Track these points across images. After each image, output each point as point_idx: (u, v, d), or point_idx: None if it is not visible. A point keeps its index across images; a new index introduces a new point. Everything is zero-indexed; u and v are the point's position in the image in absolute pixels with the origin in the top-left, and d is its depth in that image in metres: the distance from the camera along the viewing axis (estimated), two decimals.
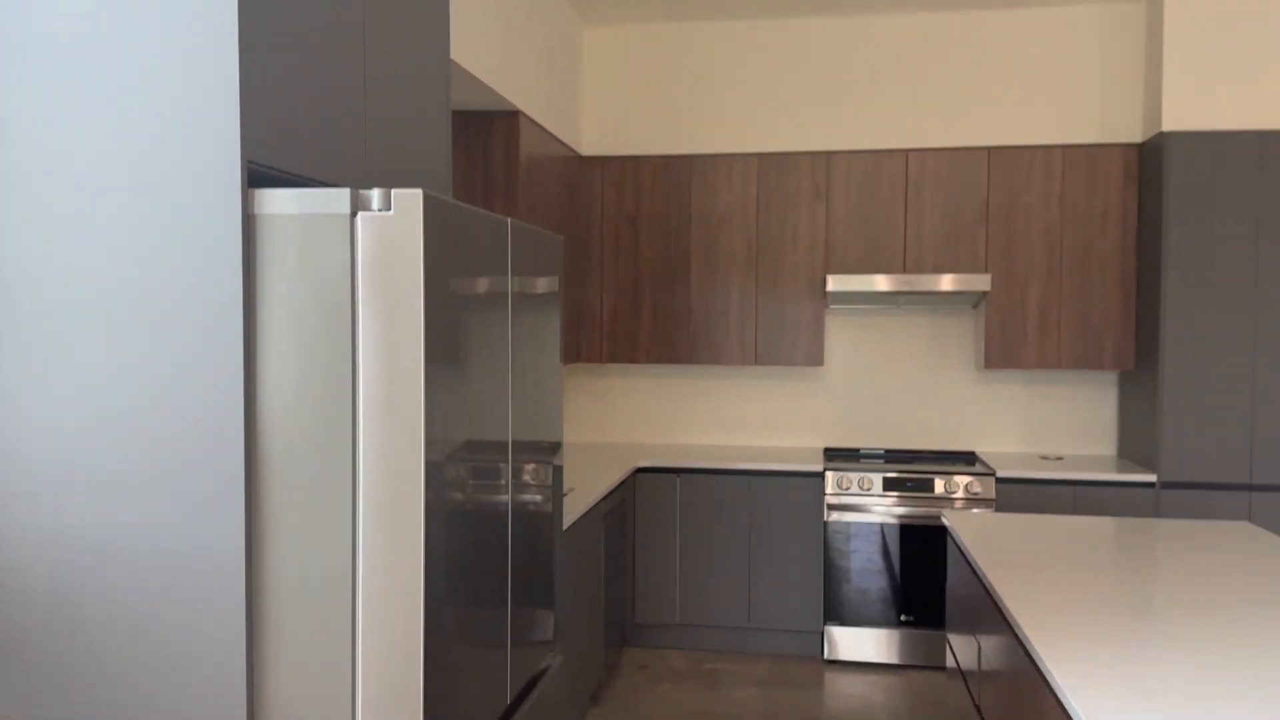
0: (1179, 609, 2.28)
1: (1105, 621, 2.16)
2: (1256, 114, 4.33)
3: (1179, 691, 1.75)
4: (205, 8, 1.47)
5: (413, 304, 1.52)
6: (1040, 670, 1.96)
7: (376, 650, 1.52)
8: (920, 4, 4.87)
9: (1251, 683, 1.80)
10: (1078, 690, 1.75)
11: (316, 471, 1.51)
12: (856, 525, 4.67)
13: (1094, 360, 4.77)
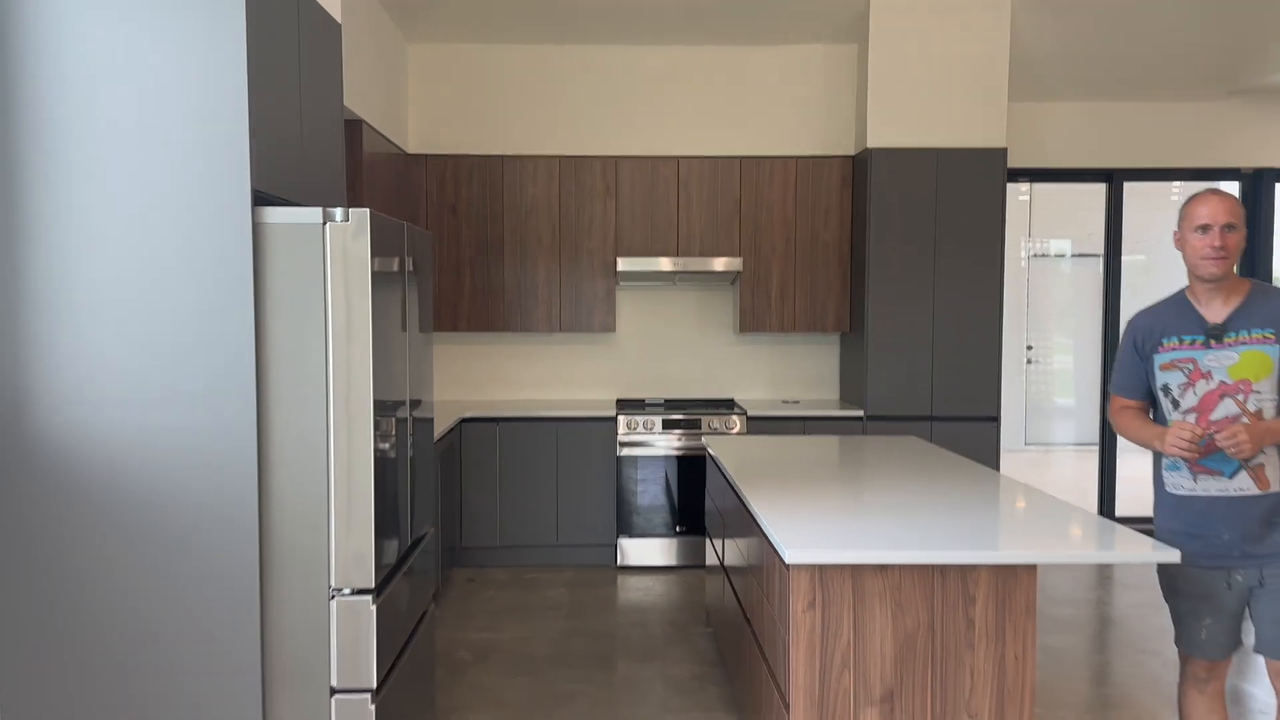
0: (866, 487, 3.52)
1: (811, 495, 3.37)
2: (933, 135, 5.76)
3: (855, 533, 2.95)
4: (227, 97, 2.35)
5: (364, 279, 2.46)
6: (757, 522, 3.12)
7: (343, 488, 2.46)
8: (687, 39, 6.05)
9: (900, 522, 3.03)
10: (781, 531, 2.92)
11: (302, 385, 2.44)
12: (642, 459, 5.83)
13: (820, 325, 6.13)
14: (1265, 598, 2.70)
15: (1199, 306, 2.75)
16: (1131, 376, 2.89)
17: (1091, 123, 6.41)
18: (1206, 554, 2.73)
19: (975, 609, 2.60)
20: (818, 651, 2.60)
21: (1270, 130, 6.40)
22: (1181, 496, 2.76)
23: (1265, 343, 2.65)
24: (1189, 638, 2.82)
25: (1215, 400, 2.68)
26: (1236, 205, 2.71)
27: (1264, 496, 2.67)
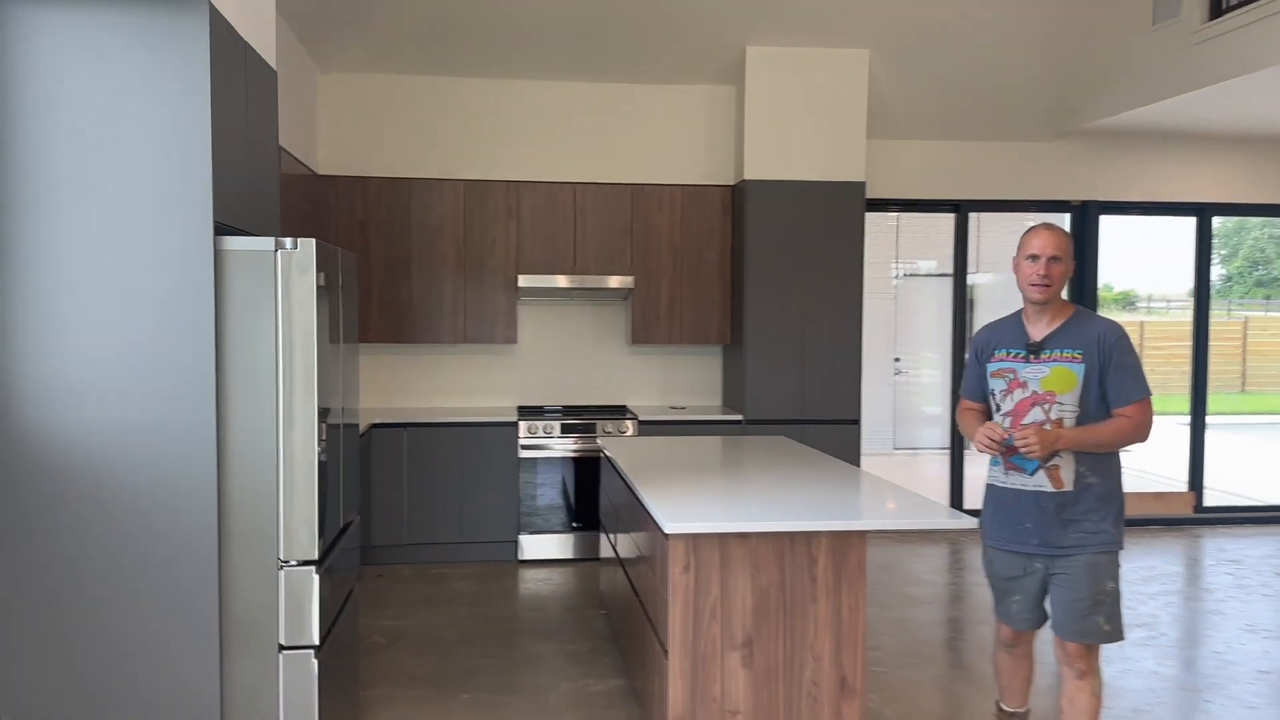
0: (737, 476, 4.08)
1: (690, 483, 3.92)
2: (802, 169, 6.43)
3: (723, 509, 3.51)
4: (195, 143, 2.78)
5: (309, 299, 2.91)
6: (643, 504, 3.66)
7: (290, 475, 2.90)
8: (584, 77, 6.60)
9: (761, 502, 3.60)
10: (662, 509, 3.45)
11: (256, 388, 2.87)
12: (542, 461, 6.32)
13: (705, 337, 6.73)
14: (1058, 585, 3.09)
15: (1027, 325, 3.17)
16: (973, 382, 3.32)
17: (941, 159, 7.20)
18: (1011, 539, 3.15)
19: (817, 569, 3.18)
20: (691, 607, 3.14)
21: (1094, 167, 7.30)
22: (997, 487, 3.20)
23: (1073, 361, 3.05)
24: (1003, 609, 3.27)
25: (1027, 407, 3.08)
26: (1064, 240, 3.10)
27: (1059, 493, 3.05)
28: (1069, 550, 3.06)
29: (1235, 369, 18.68)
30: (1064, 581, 3.08)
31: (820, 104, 6.40)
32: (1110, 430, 3.01)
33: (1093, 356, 3.03)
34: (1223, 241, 23.02)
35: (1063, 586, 3.09)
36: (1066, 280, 3.15)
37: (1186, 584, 5.98)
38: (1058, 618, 3.11)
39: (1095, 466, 3.06)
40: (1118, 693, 4.22)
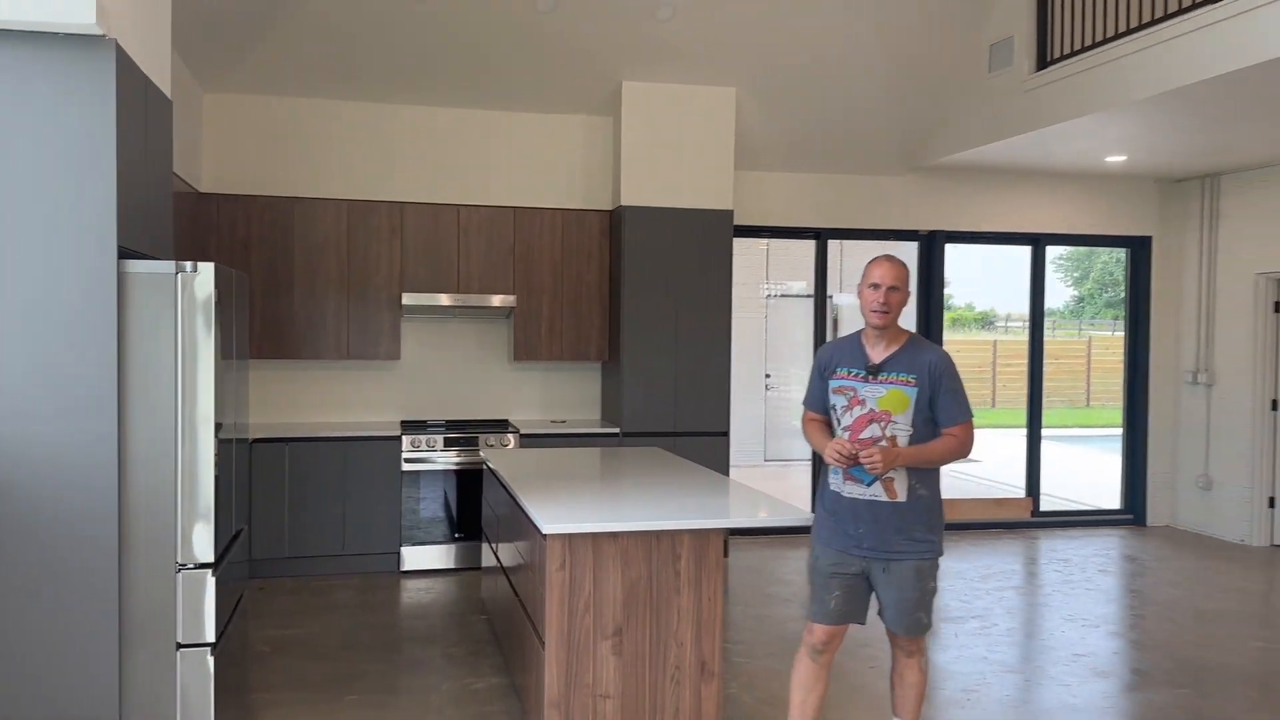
0: (611, 483, 4.40)
1: (567, 490, 4.21)
2: (675, 197, 6.83)
3: (596, 512, 3.81)
4: (101, 174, 2.95)
5: (208, 319, 3.11)
6: (523, 509, 3.93)
7: (188, 485, 3.08)
8: (469, 104, 6.87)
9: (632, 505, 3.92)
10: (540, 512, 3.74)
11: (156, 403, 3.04)
12: (425, 473, 6.52)
13: (584, 354, 7.05)
14: (886, 586, 3.38)
15: (867, 346, 3.42)
16: (817, 395, 3.53)
17: (803, 190, 7.73)
18: (843, 539, 3.39)
19: (681, 564, 3.53)
20: (566, 601, 3.44)
21: (939, 200, 7.94)
22: (834, 494, 3.42)
23: (907, 385, 3.32)
24: (820, 606, 3.42)
25: (865, 423, 3.34)
26: (903, 270, 3.36)
27: (892, 503, 3.32)
28: (899, 555, 3.35)
29: (1081, 385, 20.06)
30: (893, 583, 3.37)
31: (691, 137, 6.83)
32: (940, 448, 3.34)
33: (924, 381, 3.34)
34: (1075, 264, 24.63)
35: (891, 587, 3.38)
36: (903, 307, 3.41)
37: (1019, 580, 6.58)
38: (892, 613, 3.41)
39: (924, 480, 3.39)
40: (950, 676, 4.70)
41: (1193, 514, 8.18)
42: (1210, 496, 8.01)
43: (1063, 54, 6.04)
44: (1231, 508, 7.80)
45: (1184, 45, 5.06)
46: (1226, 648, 5.15)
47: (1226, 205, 7.86)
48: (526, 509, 3.71)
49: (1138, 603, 6.04)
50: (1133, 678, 4.72)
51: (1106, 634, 5.39)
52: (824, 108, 7.06)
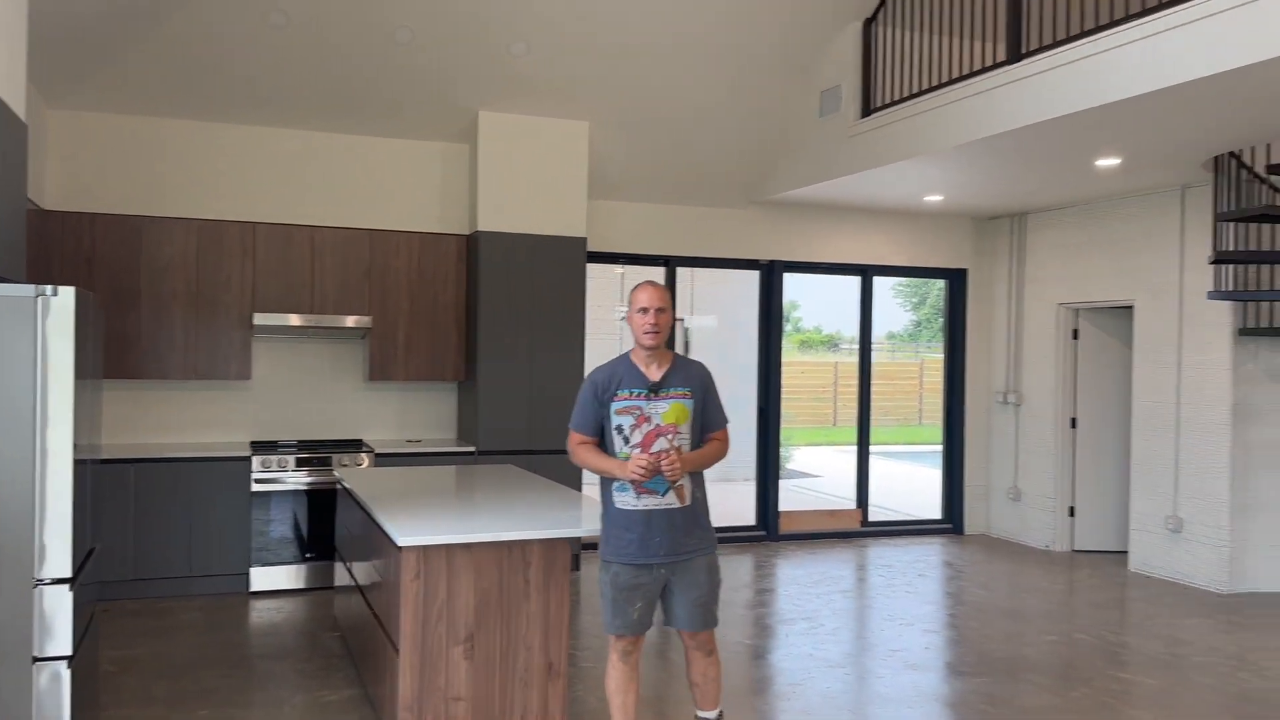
0: (466, 499, 4.60)
1: (422, 505, 4.40)
2: (530, 224, 7.10)
3: (451, 525, 4.01)
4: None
5: (68, 341, 3.19)
6: (378, 524, 4.10)
7: (48, 502, 3.15)
8: (325, 127, 6.96)
9: (485, 517, 4.14)
10: (395, 526, 3.92)
11: (15, 423, 3.10)
12: (276, 494, 6.54)
13: (441, 374, 7.21)
14: (681, 587, 3.62)
15: (642, 367, 3.63)
16: (590, 417, 3.65)
17: (653, 219, 8.13)
18: (641, 554, 3.57)
19: (530, 571, 3.78)
20: (420, 609, 3.64)
21: (778, 231, 8.48)
22: (628, 510, 3.57)
23: (686, 398, 3.62)
24: (624, 620, 3.60)
25: (654, 438, 3.56)
26: (666, 293, 3.63)
27: (684, 508, 3.60)
28: (691, 554, 3.62)
29: (914, 404, 21.30)
30: (688, 582, 3.63)
31: (546, 167, 7.12)
32: (712, 452, 3.70)
33: (698, 392, 3.66)
34: (913, 291, 26.15)
35: (687, 587, 3.64)
36: (669, 328, 3.66)
37: (847, 585, 7.10)
38: (686, 614, 3.65)
39: (698, 483, 3.71)
40: (780, 671, 5.11)
41: (1004, 523, 8.96)
42: (1019, 506, 8.79)
43: (885, 103, 6.63)
44: (1037, 517, 8.59)
45: (988, 100, 5.67)
46: (1025, 641, 5.75)
47: (1032, 241, 8.69)
48: (382, 524, 3.89)
49: (951, 603, 6.63)
50: (941, 670, 5.23)
51: (921, 631, 5.92)
52: (672, 144, 7.48)
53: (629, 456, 3.57)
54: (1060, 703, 4.74)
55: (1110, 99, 4.90)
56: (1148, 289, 7.59)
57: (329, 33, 6.16)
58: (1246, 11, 4.25)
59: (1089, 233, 8.11)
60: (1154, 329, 7.52)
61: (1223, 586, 6.95)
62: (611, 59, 6.65)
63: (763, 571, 7.44)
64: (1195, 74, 4.48)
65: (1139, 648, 5.65)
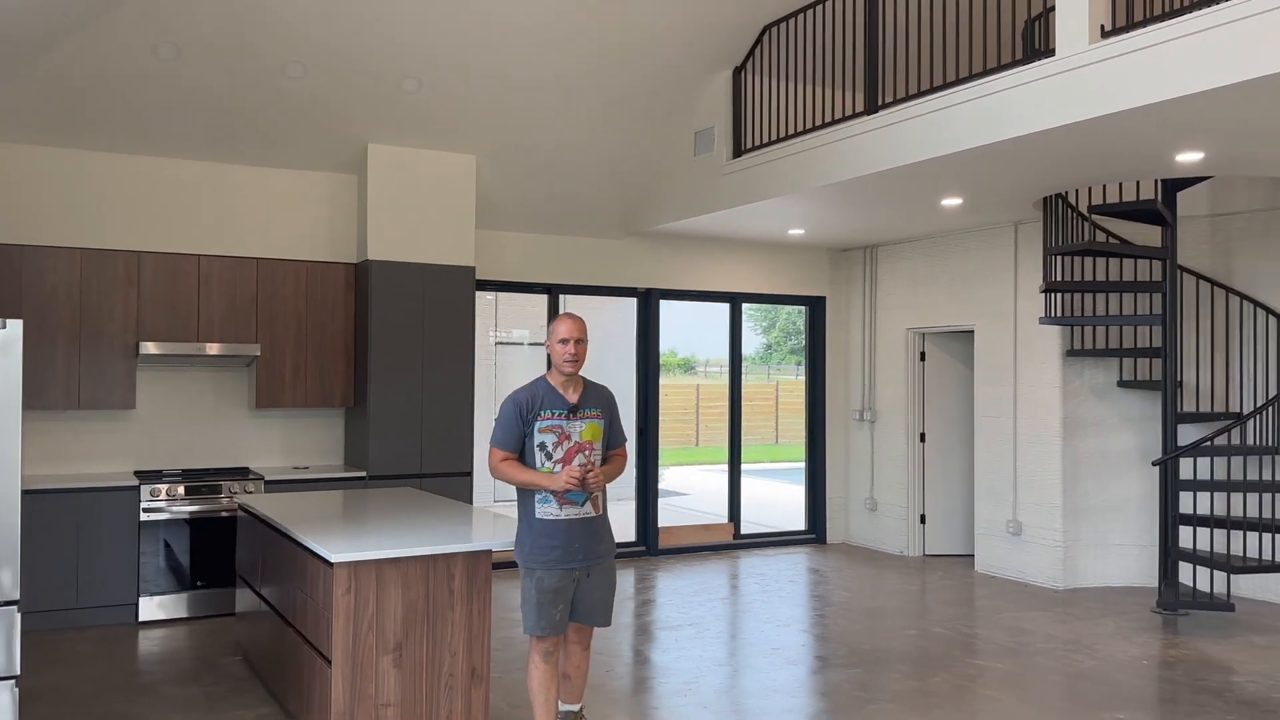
0: (376, 519, 4.80)
1: (337, 526, 4.58)
2: (420, 253, 7.33)
3: (376, 542, 4.23)
4: None
5: (15, 373, 3.30)
6: (302, 545, 4.27)
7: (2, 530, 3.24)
8: (213, 157, 7.02)
9: (404, 534, 4.37)
10: (323, 545, 4.11)
11: None
12: (165, 523, 6.52)
13: (329, 401, 7.33)
14: (592, 587, 4.01)
15: (560, 390, 4.01)
16: (514, 435, 3.97)
17: (538, 249, 8.47)
18: (563, 560, 3.93)
19: (454, 583, 4.05)
20: (351, 622, 3.86)
21: (655, 261, 8.96)
22: (550, 520, 3.93)
23: (598, 418, 4.04)
24: (548, 622, 3.92)
25: (574, 453, 3.97)
26: (584, 326, 4.01)
27: (596, 517, 4.01)
28: (602, 557, 4.05)
29: (771, 424, 22.21)
30: (599, 582, 4.04)
31: (435, 198, 7.37)
32: (619, 467, 4.17)
33: (607, 413, 4.12)
34: (764, 315, 27.24)
35: (597, 587, 4.04)
36: (585, 356, 4.04)
37: (726, 593, 7.57)
38: (591, 611, 4.04)
39: (603, 495, 4.15)
40: (673, 672, 5.50)
41: (863, 531, 9.65)
42: (876, 516, 9.49)
43: (754, 145, 7.19)
44: (892, 524, 9.31)
45: (847, 147, 6.28)
46: (888, 636, 6.32)
47: (883, 271, 9.45)
48: (308, 544, 4.08)
49: (820, 605, 7.18)
50: (816, 663, 5.73)
51: (796, 631, 6.42)
52: (555, 178, 7.85)
53: (552, 471, 3.94)
54: (922, 687, 5.30)
55: (954, 149, 5.56)
56: (986, 315, 8.41)
57: (219, 66, 6.27)
58: (1064, 79, 4.95)
59: (934, 264, 8.91)
60: (992, 351, 8.34)
61: (1058, 583, 7.76)
62: (499, 96, 6.98)
63: (647, 584, 7.83)
64: (1025, 130, 5.17)
65: (988, 638, 6.30)
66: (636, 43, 6.86)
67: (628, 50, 6.89)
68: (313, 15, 6.08)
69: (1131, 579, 7.81)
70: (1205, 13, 4.37)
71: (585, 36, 6.69)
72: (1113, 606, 7.15)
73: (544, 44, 6.65)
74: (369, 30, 6.26)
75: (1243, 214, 7.46)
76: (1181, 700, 5.10)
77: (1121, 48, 4.72)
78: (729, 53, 7.29)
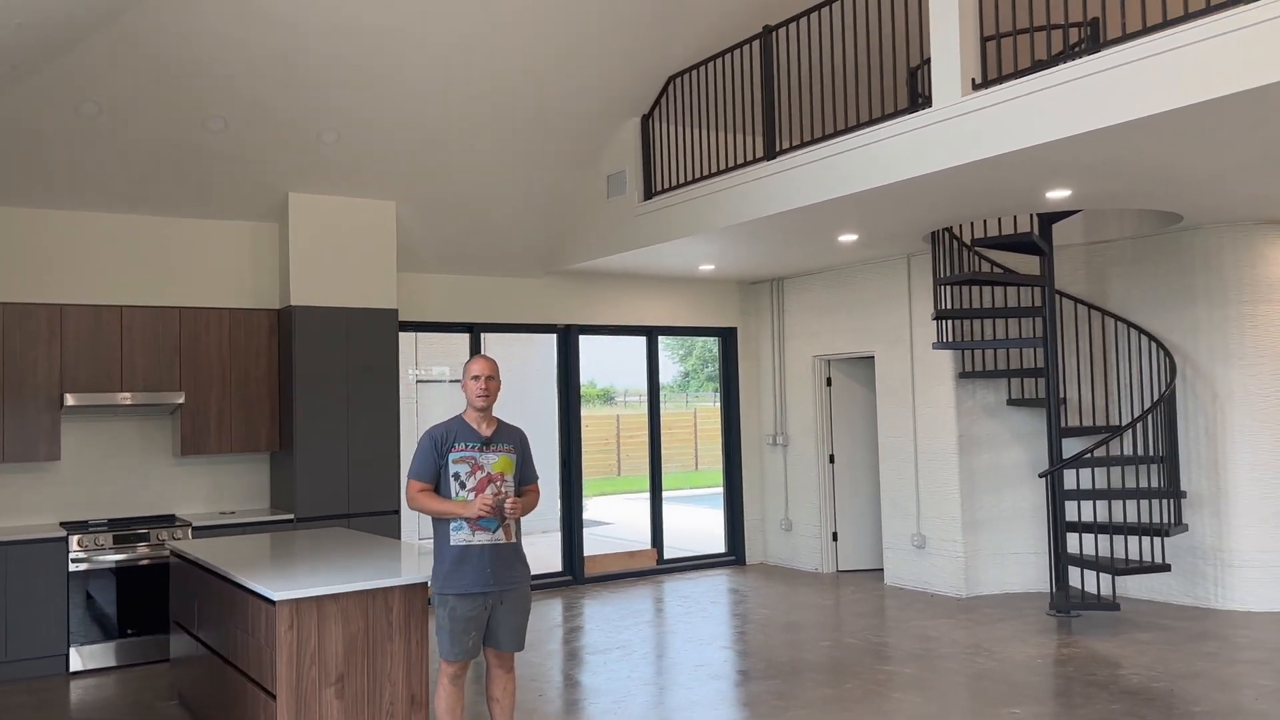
0: (309, 560, 4.98)
1: (272, 567, 4.75)
2: (343, 297, 7.52)
3: (315, 580, 4.41)
4: None
5: None
6: (243, 586, 4.44)
7: None
8: (133, 210, 7.13)
9: (343, 570, 4.56)
10: (265, 585, 4.29)
11: None
12: (94, 572, 6.56)
13: (254, 446, 7.44)
14: (506, 612, 4.22)
15: (474, 425, 4.29)
16: (429, 466, 4.21)
17: (459, 290, 8.72)
18: (477, 584, 4.14)
19: (392, 615, 4.28)
20: (294, 656, 4.05)
21: (574, 299, 9.29)
22: (464, 546, 4.15)
23: (510, 452, 4.30)
24: (461, 648, 4.14)
25: (486, 484, 4.22)
26: (495, 365, 4.32)
27: (509, 544, 4.24)
28: (515, 583, 4.26)
29: (690, 451, 22.64)
30: (512, 608, 4.25)
31: (356, 243, 7.59)
32: (531, 500, 4.43)
33: (519, 449, 4.41)
34: (680, 344, 27.75)
35: (511, 612, 4.25)
36: (498, 392, 4.33)
37: (651, 616, 7.86)
38: (508, 636, 4.26)
39: (518, 524, 4.39)
40: (603, 693, 5.77)
41: (779, 551, 10.05)
42: (791, 536, 9.91)
43: (664, 188, 7.59)
44: (807, 543, 9.73)
45: (750, 190, 6.71)
46: (804, 648, 6.69)
47: (789, 302, 9.93)
48: (249, 585, 4.26)
49: (740, 623, 7.52)
50: (739, 676, 6.06)
51: (719, 648, 6.75)
52: (475, 221, 8.13)
53: (466, 499, 4.20)
54: (837, 693, 5.67)
55: (846, 191, 6.01)
56: (885, 341, 8.93)
57: (141, 121, 6.42)
58: (942, 128, 5.45)
59: (836, 294, 9.42)
60: (892, 375, 8.85)
61: (961, 591, 8.25)
62: (416, 145, 7.25)
63: (574, 611, 8.09)
64: (909, 174, 5.64)
65: (896, 645, 6.72)
66: (550, 92, 7.21)
67: (541, 99, 7.24)
68: (234, 71, 6.28)
69: (1028, 585, 8.35)
70: (1062, 68, 4.89)
71: (499, 87, 7.01)
72: (1011, 611, 7.65)
73: (459, 94, 6.96)
74: (288, 84, 6.48)
75: (1114, 242, 8.12)
76: (1073, 694, 5.56)
77: (991, 99, 5.23)
78: (637, 101, 7.69)
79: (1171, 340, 7.77)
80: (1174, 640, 6.62)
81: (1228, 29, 4.27)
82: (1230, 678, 5.75)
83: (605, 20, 6.81)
